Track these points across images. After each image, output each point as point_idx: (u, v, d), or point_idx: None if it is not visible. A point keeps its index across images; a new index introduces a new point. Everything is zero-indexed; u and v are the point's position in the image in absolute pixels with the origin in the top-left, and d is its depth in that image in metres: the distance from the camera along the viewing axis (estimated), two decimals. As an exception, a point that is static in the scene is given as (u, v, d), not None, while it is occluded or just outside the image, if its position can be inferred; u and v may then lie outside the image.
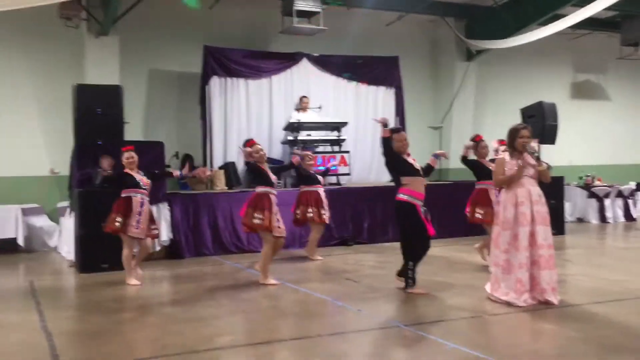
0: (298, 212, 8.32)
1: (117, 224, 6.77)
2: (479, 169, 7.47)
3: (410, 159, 6.08)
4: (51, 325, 5.08)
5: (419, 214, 5.86)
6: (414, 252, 5.97)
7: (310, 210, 8.22)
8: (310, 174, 8.44)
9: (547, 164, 5.64)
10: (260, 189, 6.74)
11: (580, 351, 4.10)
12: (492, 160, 7.46)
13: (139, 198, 6.89)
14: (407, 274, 6.00)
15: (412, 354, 4.16)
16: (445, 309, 5.47)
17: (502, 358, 3.92)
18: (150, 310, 5.81)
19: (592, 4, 9.95)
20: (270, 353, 4.27)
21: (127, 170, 6.97)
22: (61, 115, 10.20)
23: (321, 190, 8.43)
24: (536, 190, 5.48)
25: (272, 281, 6.70)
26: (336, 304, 5.73)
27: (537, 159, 5.53)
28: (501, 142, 7.92)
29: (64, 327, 5.15)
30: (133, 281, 6.88)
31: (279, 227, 6.73)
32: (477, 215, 7.36)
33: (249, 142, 6.85)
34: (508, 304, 5.32)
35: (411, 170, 5.98)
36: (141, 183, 6.95)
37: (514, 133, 5.53)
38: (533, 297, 5.37)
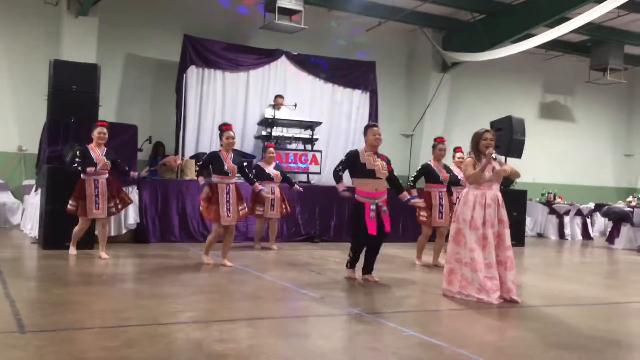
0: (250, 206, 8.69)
1: (71, 207, 7.05)
2: (427, 173, 7.81)
3: (372, 158, 6.27)
4: (14, 292, 5.06)
5: (366, 212, 6.15)
6: (354, 242, 6.49)
7: (259, 206, 8.62)
8: (265, 171, 8.75)
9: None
10: (213, 178, 6.85)
11: (529, 344, 4.29)
12: (447, 169, 7.88)
13: (91, 180, 7.02)
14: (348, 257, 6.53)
15: (371, 336, 4.30)
16: (405, 301, 5.63)
17: (454, 346, 4.08)
18: (114, 286, 5.84)
19: (560, 26, 10.43)
20: (232, 329, 4.34)
21: (92, 145, 7.01)
22: (33, 92, 10.14)
23: (274, 186, 8.71)
24: (500, 195, 5.71)
25: (209, 260, 7.05)
26: (299, 291, 5.85)
27: (500, 162, 5.73)
28: (457, 149, 8.33)
29: (26, 295, 5.15)
30: (72, 251, 7.18)
31: (227, 217, 6.79)
32: (421, 217, 7.77)
33: (225, 126, 6.91)
34: (480, 300, 5.45)
35: (366, 172, 6.24)
36: (98, 164, 7.02)
37: (477, 136, 5.73)
38: (501, 295, 5.56)
